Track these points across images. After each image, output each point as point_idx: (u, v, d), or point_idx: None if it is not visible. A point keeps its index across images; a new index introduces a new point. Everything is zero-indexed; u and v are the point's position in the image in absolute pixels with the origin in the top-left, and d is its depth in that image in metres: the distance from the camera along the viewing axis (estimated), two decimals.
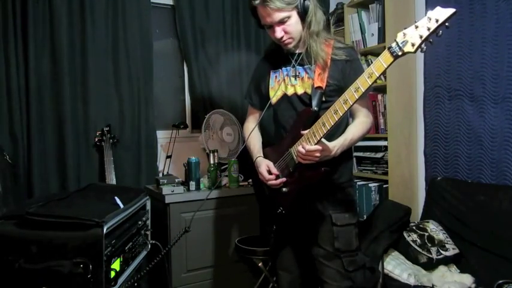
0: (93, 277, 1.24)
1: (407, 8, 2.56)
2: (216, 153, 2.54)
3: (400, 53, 1.18)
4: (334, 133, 1.46)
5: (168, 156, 2.69)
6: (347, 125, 1.56)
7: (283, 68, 1.60)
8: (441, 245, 2.06)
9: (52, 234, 1.27)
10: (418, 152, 2.62)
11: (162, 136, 2.81)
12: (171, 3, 2.88)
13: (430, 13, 1.13)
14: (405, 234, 2.13)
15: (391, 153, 2.52)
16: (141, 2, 2.65)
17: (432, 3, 2.46)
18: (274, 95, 1.61)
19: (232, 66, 2.96)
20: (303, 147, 1.38)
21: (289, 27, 1.46)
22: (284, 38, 1.48)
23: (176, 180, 2.47)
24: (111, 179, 2.38)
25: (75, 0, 2.43)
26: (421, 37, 1.14)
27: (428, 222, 2.23)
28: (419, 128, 2.61)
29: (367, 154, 2.71)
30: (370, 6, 2.69)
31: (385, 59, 1.20)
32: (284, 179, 1.53)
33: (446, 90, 2.41)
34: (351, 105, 1.29)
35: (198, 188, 2.47)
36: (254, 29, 3.04)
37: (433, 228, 2.16)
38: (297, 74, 1.56)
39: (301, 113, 1.51)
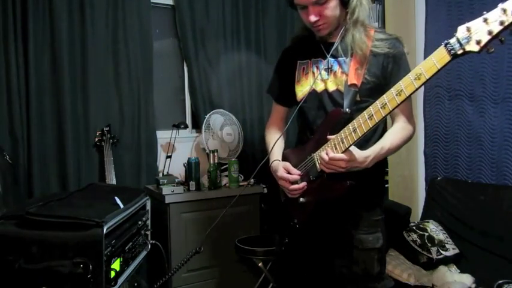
0: (93, 277, 1.24)
1: (407, 8, 2.56)
2: (216, 153, 2.54)
3: (460, 52, 0.95)
4: (369, 138, 1.28)
5: (168, 156, 2.69)
6: (384, 129, 1.35)
7: (313, 59, 1.37)
8: (441, 245, 2.06)
9: (52, 234, 1.27)
10: (418, 152, 2.62)
11: (162, 136, 2.81)
12: (171, 3, 2.87)
13: (504, 4, 0.88)
14: (405, 234, 2.13)
15: None
16: (141, 2, 2.65)
17: (432, 3, 2.47)
18: (301, 91, 1.39)
19: (232, 66, 2.96)
20: (326, 154, 1.18)
21: (326, 11, 1.24)
22: (319, 23, 1.26)
23: (176, 180, 2.47)
24: (111, 179, 2.38)
25: (75, 0, 2.43)
26: (490, 33, 0.90)
27: (428, 222, 2.23)
28: (419, 128, 2.60)
29: None
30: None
31: (439, 58, 0.98)
32: (305, 183, 1.32)
33: (446, 90, 2.41)
34: (390, 112, 1.08)
35: (198, 188, 2.47)
36: (254, 29, 3.04)
37: (433, 228, 2.16)
38: (330, 67, 1.33)
39: (330, 114, 1.29)
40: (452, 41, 0.96)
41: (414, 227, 2.18)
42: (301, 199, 1.34)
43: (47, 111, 2.37)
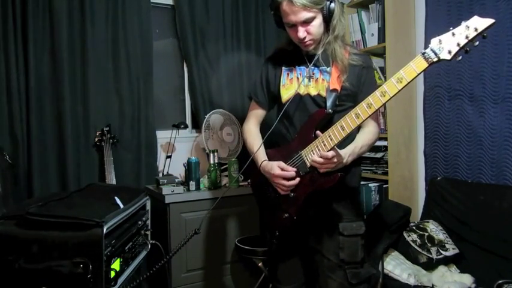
0: (93, 277, 1.24)
1: (407, 8, 2.56)
2: (216, 153, 2.54)
3: (435, 60, 1.15)
4: (342, 141, 1.43)
5: (168, 156, 2.69)
6: (354, 135, 1.52)
7: (297, 67, 1.55)
8: (441, 245, 2.06)
9: (52, 234, 1.27)
10: (418, 152, 2.62)
11: (162, 136, 2.81)
12: (171, 3, 2.88)
13: (468, 22, 1.11)
14: (405, 234, 2.13)
15: (391, 153, 2.52)
16: (141, 2, 2.65)
17: (432, 4, 2.47)
18: (286, 93, 1.55)
19: (232, 66, 2.96)
20: (320, 157, 1.32)
21: (312, 29, 1.42)
22: (306, 39, 1.44)
23: (176, 180, 2.47)
24: (111, 179, 2.38)
25: (75, 0, 2.43)
26: (458, 45, 1.11)
27: (428, 222, 2.23)
28: (419, 128, 2.61)
29: (367, 154, 2.71)
30: (370, 6, 2.69)
31: (417, 64, 1.17)
32: (298, 179, 1.45)
33: (446, 90, 2.41)
34: (376, 110, 1.26)
35: (198, 188, 2.47)
36: (254, 29, 3.04)
37: (433, 228, 2.16)
38: (311, 75, 1.51)
39: (314, 114, 1.46)
40: (428, 50, 1.15)
41: (414, 227, 2.18)
42: (292, 194, 1.47)
43: (47, 111, 2.37)
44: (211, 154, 2.53)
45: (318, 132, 1.38)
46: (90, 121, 2.48)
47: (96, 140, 2.47)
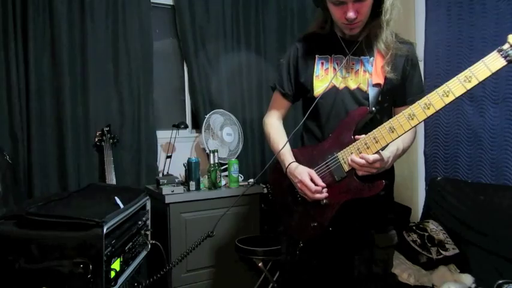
0: (93, 277, 1.24)
1: (407, 8, 2.56)
2: (216, 153, 2.55)
3: None
4: None
5: (168, 156, 2.69)
6: None
7: (334, 56, 1.35)
8: (441, 245, 2.06)
9: (52, 234, 1.27)
10: (418, 152, 2.62)
11: (162, 136, 2.81)
12: (171, 3, 2.88)
13: None
14: (405, 234, 2.13)
15: None
16: (141, 2, 2.65)
17: (432, 3, 2.47)
18: (320, 86, 1.34)
19: (232, 66, 2.96)
20: (363, 158, 1.18)
21: (364, 9, 1.23)
22: (356, 20, 1.24)
23: (176, 180, 2.47)
24: (111, 179, 2.38)
25: (75, 0, 2.43)
26: None
27: (428, 222, 2.23)
28: (420, 128, 2.60)
29: None
30: None
31: (492, 63, 1.02)
32: (326, 194, 1.28)
33: None
34: (434, 113, 1.10)
35: (198, 188, 2.47)
36: (254, 29, 3.04)
37: (433, 228, 2.16)
38: (351, 65, 1.32)
39: (353, 112, 1.28)
40: (506, 47, 0.99)
41: (414, 227, 2.18)
42: (325, 201, 1.29)
43: (47, 111, 2.37)
44: (211, 154, 2.53)
45: (357, 136, 1.23)
46: (90, 121, 2.48)
47: (96, 140, 2.47)
